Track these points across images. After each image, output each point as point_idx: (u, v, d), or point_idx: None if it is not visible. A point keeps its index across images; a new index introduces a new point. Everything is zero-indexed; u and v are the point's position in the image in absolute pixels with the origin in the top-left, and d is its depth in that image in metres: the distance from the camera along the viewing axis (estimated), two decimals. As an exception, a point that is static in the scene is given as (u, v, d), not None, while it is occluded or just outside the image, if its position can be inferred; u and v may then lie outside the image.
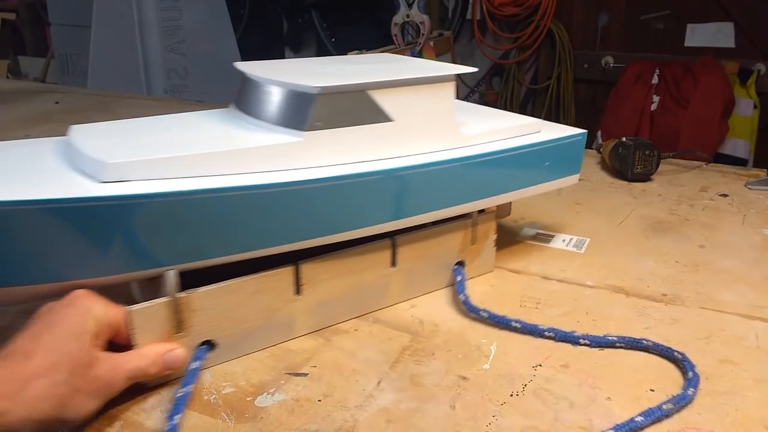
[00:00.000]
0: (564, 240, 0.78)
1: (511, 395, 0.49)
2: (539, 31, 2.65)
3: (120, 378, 0.45)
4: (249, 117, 0.56)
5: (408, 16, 2.61)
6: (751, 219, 0.85)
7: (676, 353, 0.53)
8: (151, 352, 0.47)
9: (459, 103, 0.69)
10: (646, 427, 0.45)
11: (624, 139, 1.02)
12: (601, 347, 0.55)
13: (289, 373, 0.51)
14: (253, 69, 0.57)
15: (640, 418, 0.45)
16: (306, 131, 0.52)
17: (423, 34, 2.58)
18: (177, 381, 0.49)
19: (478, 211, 0.65)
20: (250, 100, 0.56)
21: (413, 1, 2.59)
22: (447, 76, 0.58)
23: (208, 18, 2.58)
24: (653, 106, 2.32)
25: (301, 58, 0.64)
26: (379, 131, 0.55)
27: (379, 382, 0.51)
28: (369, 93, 0.54)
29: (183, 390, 0.47)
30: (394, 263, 0.61)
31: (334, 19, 3.29)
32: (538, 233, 0.79)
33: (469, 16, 2.84)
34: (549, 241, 0.77)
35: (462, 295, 0.61)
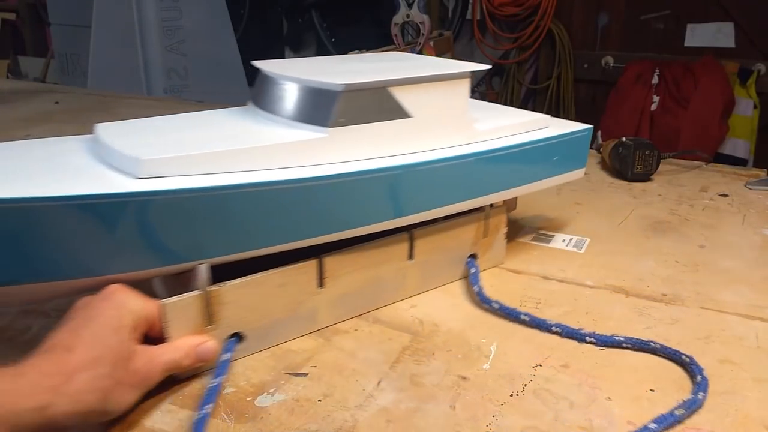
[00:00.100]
0: (564, 240, 0.78)
1: (511, 395, 0.49)
2: (539, 31, 2.65)
3: (157, 370, 0.47)
4: (271, 114, 0.57)
5: (408, 16, 2.62)
6: (751, 219, 0.85)
7: (683, 356, 0.52)
8: (185, 345, 0.49)
9: (469, 101, 0.70)
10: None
11: (624, 139, 1.02)
12: (606, 346, 0.55)
13: (289, 373, 0.51)
14: (273, 67, 0.58)
15: (653, 425, 0.45)
16: (330, 127, 0.53)
17: (423, 34, 2.59)
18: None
19: (490, 205, 0.66)
20: (271, 98, 0.57)
21: (413, 1, 2.59)
22: (463, 73, 0.60)
23: (208, 18, 2.58)
24: (653, 106, 2.32)
25: (303, 57, 0.64)
26: (399, 127, 0.57)
27: (379, 382, 0.51)
28: (389, 90, 0.55)
29: (215, 381, 0.48)
30: (411, 256, 0.62)
31: (334, 19, 3.29)
32: (538, 233, 0.79)
33: (469, 16, 2.85)
34: (549, 241, 0.77)
35: (476, 286, 0.63)
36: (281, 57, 3.52)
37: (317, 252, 0.55)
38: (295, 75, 0.56)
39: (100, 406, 0.42)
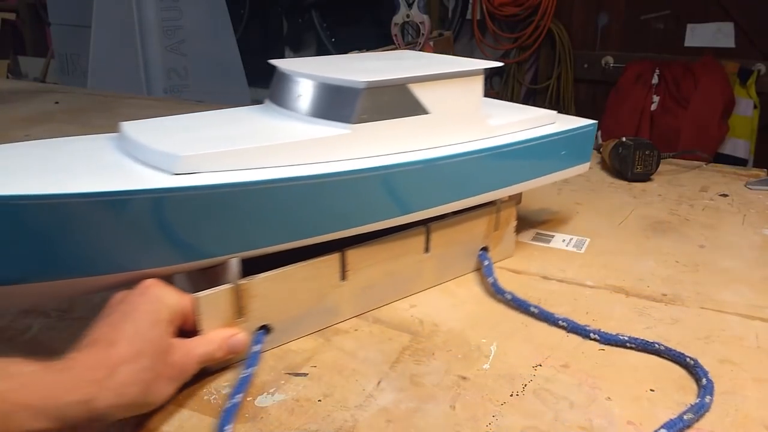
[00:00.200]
0: (564, 240, 0.78)
1: (511, 395, 0.49)
2: (539, 31, 2.65)
3: (193, 363, 0.47)
4: (292, 112, 0.58)
5: (408, 16, 2.62)
6: (751, 219, 0.85)
7: (688, 359, 0.52)
8: (217, 337, 0.50)
9: None
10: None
11: (624, 139, 1.02)
12: (609, 345, 0.56)
13: (289, 373, 0.51)
14: (293, 66, 0.59)
15: (663, 431, 0.44)
16: (354, 124, 0.54)
17: (423, 34, 2.59)
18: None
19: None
20: (292, 96, 0.59)
21: (413, 1, 2.59)
22: (477, 71, 0.61)
23: (208, 18, 2.58)
24: (653, 106, 2.32)
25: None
26: (417, 123, 0.58)
27: (379, 382, 0.51)
28: (409, 87, 0.57)
29: (247, 371, 0.49)
30: (427, 249, 0.64)
31: (334, 19, 3.29)
32: (538, 233, 0.79)
33: (469, 16, 2.85)
34: (549, 241, 0.77)
35: (491, 277, 0.65)
36: (281, 57, 3.52)
37: (339, 246, 0.56)
38: (316, 73, 0.57)
39: (142, 398, 0.43)
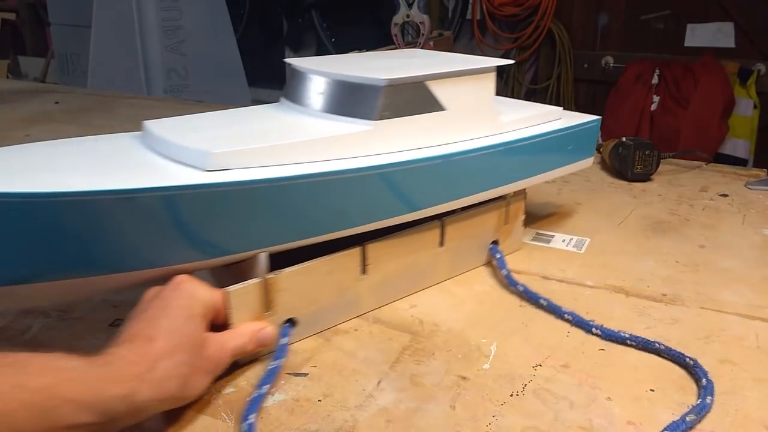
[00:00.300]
0: (564, 240, 0.78)
1: (511, 395, 0.49)
2: (539, 31, 2.65)
3: (226, 356, 0.48)
4: (312, 110, 0.59)
5: (408, 16, 2.61)
6: (751, 219, 0.85)
7: (687, 359, 0.52)
8: (247, 330, 0.50)
9: None
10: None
11: (624, 139, 1.02)
12: (610, 341, 0.56)
13: (289, 373, 0.51)
14: (310, 65, 0.60)
15: None
16: (375, 120, 0.55)
17: (423, 34, 2.58)
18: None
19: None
20: (312, 94, 0.59)
21: (413, 1, 2.59)
22: (490, 68, 0.63)
23: (208, 18, 2.58)
24: (653, 106, 2.32)
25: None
26: (434, 119, 0.59)
27: (379, 382, 0.51)
28: (426, 84, 0.58)
29: (275, 363, 0.50)
30: (442, 243, 0.65)
31: (334, 19, 3.29)
32: (538, 233, 0.79)
33: (469, 16, 2.85)
34: (549, 241, 0.77)
35: (504, 269, 0.66)
36: (281, 57, 3.52)
37: (359, 240, 0.57)
38: (336, 71, 0.58)
39: (180, 392, 0.44)
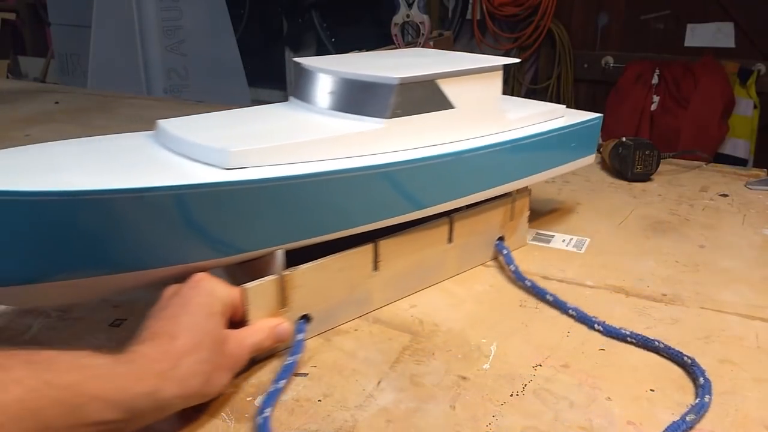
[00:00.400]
0: (564, 240, 0.78)
1: (511, 395, 0.49)
2: (539, 31, 2.65)
3: (245, 352, 0.49)
4: (324, 108, 0.59)
5: (408, 16, 2.61)
6: (751, 219, 0.85)
7: (685, 357, 0.52)
8: (265, 327, 0.51)
9: None
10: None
11: (624, 139, 1.02)
12: (611, 337, 0.56)
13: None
14: (322, 64, 0.61)
15: None
16: (388, 118, 0.56)
17: (423, 34, 2.58)
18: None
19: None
20: (323, 93, 0.60)
21: (413, 1, 2.59)
22: (497, 66, 0.64)
23: (208, 18, 2.58)
24: (653, 106, 2.32)
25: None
26: (444, 117, 0.60)
27: (379, 382, 0.51)
28: (437, 82, 0.59)
29: (291, 358, 0.51)
30: (450, 240, 0.65)
31: (334, 19, 3.29)
32: (538, 233, 0.79)
33: (469, 16, 2.85)
34: (549, 241, 0.77)
35: (512, 265, 0.67)
36: (281, 57, 3.52)
37: (370, 237, 0.58)
38: (348, 70, 0.59)
39: (202, 389, 0.44)
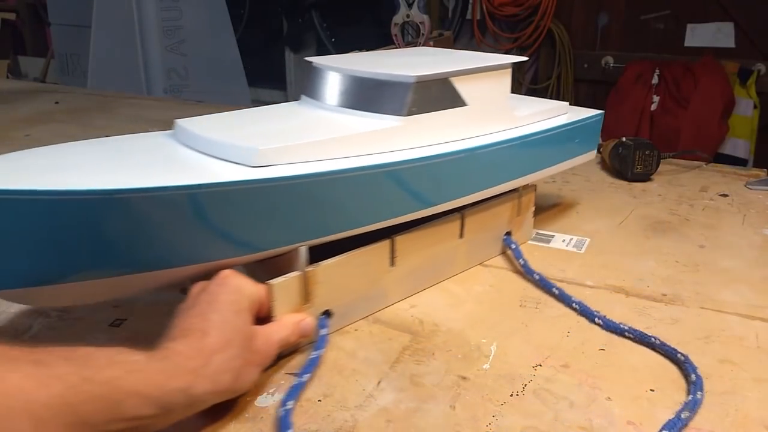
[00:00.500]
0: (564, 240, 0.78)
1: (511, 395, 0.49)
2: (539, 31, 2.65)
3: (273, 348, 0.49)
4: (338, 107, 0.60)
5: (408, 16, 2.61)
6: (751, 219, 0.85)
7: (679, 354, 0.52)
8: (289, 322, 0.51)
9: None
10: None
11: (624, 139, 1.02)
12: (610, 331, 0.57)
13: (289, 373, 0.51)
14: (335, 63, 0.62)
15: None
16: (405, 116, 0.57)
17: (423, 34, 2.58)
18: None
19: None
20: (338, 91, 0.61)
21: (413, 1, 2.59)
22: (506, 65, 0.66)
23: (208, 18, 2.58)
24: (653, 106, 2.32)
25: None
26: (457, 114, 0.61)
27: (379, 382, 0.51)
28: (451, 80, 0.60)
29: (315, 353, 0.52)
30: (461, 235, 0.66)
31: (334, 19, 3.29)
32: (538, 233, 0.79)
33: (469, 16, 2.84)
34: (549, 241, 0.77)
35: (521, 259, 0.68)
36: (281, 57, 3.52)
37: (386, 233, 0.58)
38: (365, 69, 0.60)
39: (233, 385, 0.45)
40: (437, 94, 0.59)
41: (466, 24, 2.89)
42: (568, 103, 0.78)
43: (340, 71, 0.61)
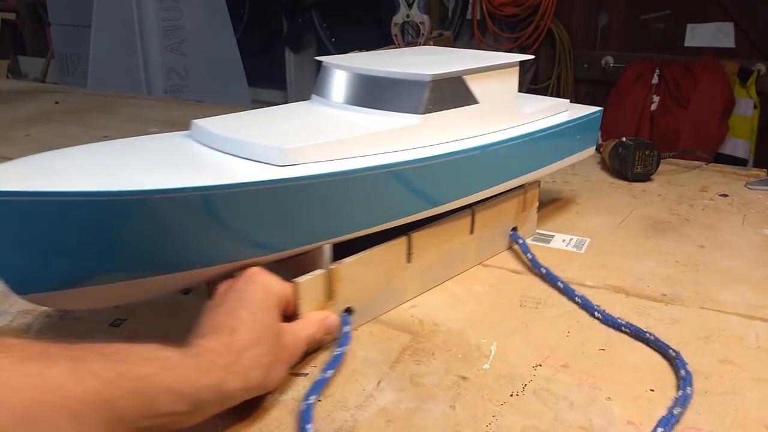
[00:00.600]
0: (564, 240, 0.78)
1: (511, 395, 0.49)
2: (539, 31, 2.65)
3: (301, 345, 0.50)
4: (353, 106, 0.61)
5: (408, 16, 2.61)
6: (751, 219, 0.85)
7: (671, 350, 0.53)
8: (315, 319, 0.52)
9: None
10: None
11: (624, 139, 1.02)
12: (608, 326, 0.58)
13: (290, 373, 0.51)
14: (351, 63, 0.62)
15: (660, 430, 0.44)
16: (421, 114, 0.58)
17: (423, 34, 2.58)
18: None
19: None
20: (352, 91, 0.61)
21: (413, 1, 2.59)
22: (515, 63, 0.67)
23: (208, 18, 2.58)
24: (653, 106, 2.32)
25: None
26: (470, 112, 0.62)
27: (379, 382, 0.51)
28: (464, 78, 0.61)
29: (339, 350, 0.52)
30: (472, 231, 0.67)
31: (334, 19, 3.29)
32: (538, 233, 0.79)
33: (469, 16, 2.84)
34: (549, 241, 0.77)
35: (529, 253, 0.69)
36: (281, 57, 3.52)
37: (402, 230, 0.59)
38: (381, 68, 0.60)
39: (263, 381, 0.45)
40: (451, 92, 0.60)
41: (466, 24, 2.89)
42: (569, 100, 0.79)
43: (354, 71, 0.61)
